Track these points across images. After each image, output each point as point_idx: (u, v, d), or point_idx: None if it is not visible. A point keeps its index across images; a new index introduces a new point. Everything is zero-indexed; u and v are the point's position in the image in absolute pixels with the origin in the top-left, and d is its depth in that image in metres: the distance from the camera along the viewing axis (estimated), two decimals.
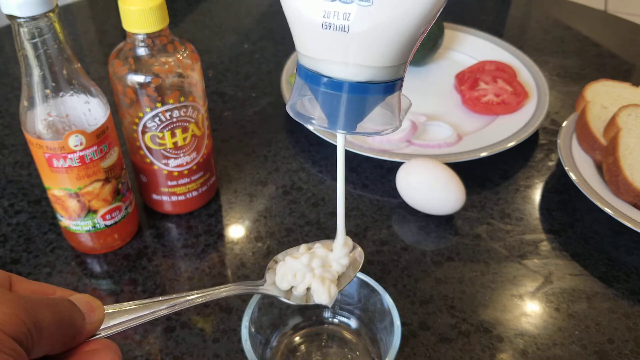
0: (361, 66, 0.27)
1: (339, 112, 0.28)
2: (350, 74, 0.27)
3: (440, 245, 0.56)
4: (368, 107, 0.29)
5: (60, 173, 0.48)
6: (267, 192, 0.63)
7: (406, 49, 0.27)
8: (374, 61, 0.27)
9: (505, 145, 0.65)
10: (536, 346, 0.47)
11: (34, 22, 0.42)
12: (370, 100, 0.28)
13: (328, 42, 0.27)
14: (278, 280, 0.40)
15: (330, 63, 0.27)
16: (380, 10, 0.25)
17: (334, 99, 0.28)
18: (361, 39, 0.26)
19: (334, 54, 0.27)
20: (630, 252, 0.55)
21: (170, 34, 0.50)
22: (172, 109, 0.51)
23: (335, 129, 0.29)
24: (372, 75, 0.27)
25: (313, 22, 0.26)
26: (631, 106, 0.62)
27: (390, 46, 0.26)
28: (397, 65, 0.28)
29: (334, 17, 0.26)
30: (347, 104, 0.28)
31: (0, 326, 0.22)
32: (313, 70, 0.28)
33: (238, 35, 0.93)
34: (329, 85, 0.28)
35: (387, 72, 0.28)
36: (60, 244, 0.56)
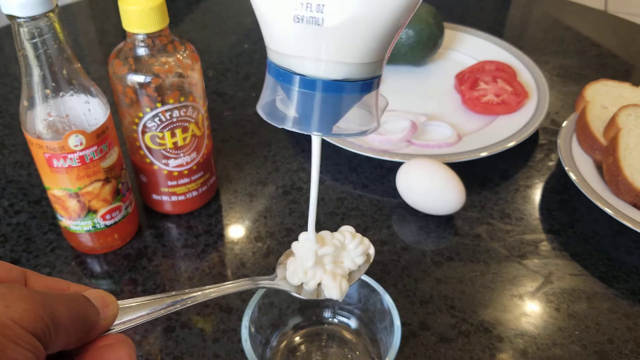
0: (336, 62, 0.25)
1: (314, 113, 0.27)
2: (324, 71, 0.26)
3: (440, 245, 0.56)
4: (344, 107, 0.27)
5: (60, 173, 0.48)
6: (267, 192, 0.63)
7: (384, 44, 0.26)
8: (349, 57, 0.25)
9: (505, 145, 0.65)
10: (536, 346, 0.47)
11: (34, 22, 0.42)
12: (346, 99, 0.27)
13: (300, 37, 0.25)
14: (289, 276, 0.39)
15: (302, 59, 0.26)
16: (357, 1, 0.24)
17: (307, 98, 0.26)
18: (336, 32, 0.24)
19: (306, 50, 0.25)
20: (630, 252, 0.55)
21: (170, 34, 0.50)
22: (172, 109, 0.51)
23: (310, 130, 0.27)
24: (348, 72, 0.26)
25: (284, 14, 0.25)
26: (631, 106, 0.62)
27: (367, 40, 0.25)
28: (374, 62, 0.26)
29: (307, 10, 0.24)
30: (321, 103, 0.26)
31: (19, 322, 0.23)
32: (284, 67, 0.26)
33: (238, 35, 0.93)
34: (302, 84, 0.26)
35: (364, 69, 0.26)
36: (60, 244, 0.56)
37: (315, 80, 0.26)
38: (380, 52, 0.26)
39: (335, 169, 0.65)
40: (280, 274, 0.40)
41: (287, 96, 0.27)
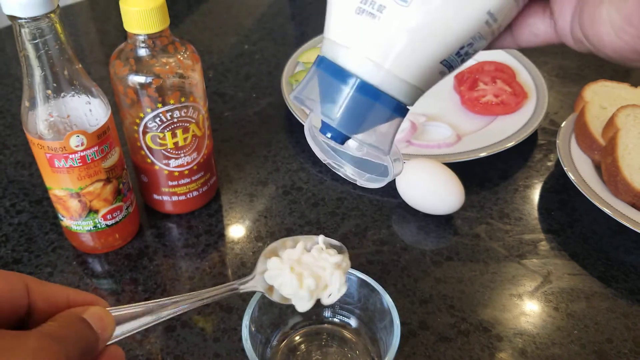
0: (378, 65, 0.26)
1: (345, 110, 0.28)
2: (366, 70, 0.27)
3: (439, 245, 0.57)
4: (371, 118, 0.28)
5: (61, 173, 0.48)
6: (267, 192, 0.63)
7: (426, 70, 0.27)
8: (391, 64, 0.26)
9: (505, 145, 0.65)
10: (535, 345, 0.47)
11: (35, 23, 0.42)
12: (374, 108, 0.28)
13: (356, 29, 0.26)
14: (267, 276, 0.41)
15: (351, 52, 0.27)
16: (415, 15, 0.25)
17: (344, 94, 0.27)
18: (387, 35, 0.26)
19: (357, 43, 0.27)
20: (629, 252, 0.56)
21: (171, 35, 0.50)
22: (173, 109, 0.51)
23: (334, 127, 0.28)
24: (385, 81, 0.27)
25: (348, 3, 0.26)
26: (630, 106, 0.62)
27: (411, 55, 0.26)
28: (409, 84, 0.27)
29: (370, 5, 0.26)
30: (355, 102, 0.27)
31: None
32: (333, 59, 0.28)
33: (238, 36, 0.94)
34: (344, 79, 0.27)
35: (397, 86, 0.27)
36: (62, 243, 0.57)
37: (356, 78, 0.27)
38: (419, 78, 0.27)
39: None
40: (260, 267, 0.42)
41: (323, 88, 0.28)
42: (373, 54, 0.26)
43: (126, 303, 0.51)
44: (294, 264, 0.41)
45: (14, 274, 0.29)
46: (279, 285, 0.40)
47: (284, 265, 0.41)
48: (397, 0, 0.25)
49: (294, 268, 0.40)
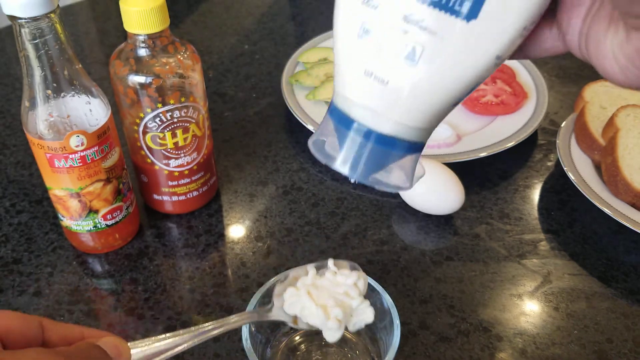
0: (392, 120, 0.27)
1: (358, 159, 0.29)
2: (380, 124, 0.27)
3: (439, 245, 0.57)
4: (386, 161, 0.29)
5: (61, 173, 0.48)
6: (267, 192, 0.63)
7: (437, 114, 0.27)
8: (405, 118, 0.27)
9: (505, 145, 0.65)
10: (535, 345, 0.47)
11: (35, 23, 0.42)
12: (390, 155, 0.29)
13: (367, 89, 0.27)
14: (286, 307, 0.42)
15: (363, 110, 0.27)
16: (423, 72, 0.25)
17: (357, 145, 0.28)
18: (398, 94, 0.26)
19: (369, 102, 0.27)
20: (629, 252, 0.56)
21: (171, 35, 0.50)
22: (173, 109, 0.51)
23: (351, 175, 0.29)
24: (399, 131, 0.28)
25: (357, 66, 0.27)
26: (630, 106, 0.62)
27: (423, 108, 0.27)
28: (424, 129, 0.28)
29: (378, 67, 0.26)
30: (367, 152, 0.28)
31: None
32: (346, 112, 0.28)
33: (238, 36, 0.94)
34: (357, 131, 0.28)
35: (414, 133, 0.28)
36: (62, 243, 0.57)
37: (369, 130, 0.28)
38: (432, 121, 0.28)
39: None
40: (277, 303, 0.42)
41: (339, 138, 0.29)
42: (385, 110, 0.27)
43: (126, 303, 0.51)
44: (310, 289, 0.41)
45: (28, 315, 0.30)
46: (301, 311, 0.41)
47: (301, 292, 0.41)
48: (405, 60, 0.25)
49: (311, 292, 0.41)
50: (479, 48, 0.25)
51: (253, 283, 0.53)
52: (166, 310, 0.50)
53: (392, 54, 0.25)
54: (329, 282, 0.42)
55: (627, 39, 0.22)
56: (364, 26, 0.26)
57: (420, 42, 0.25)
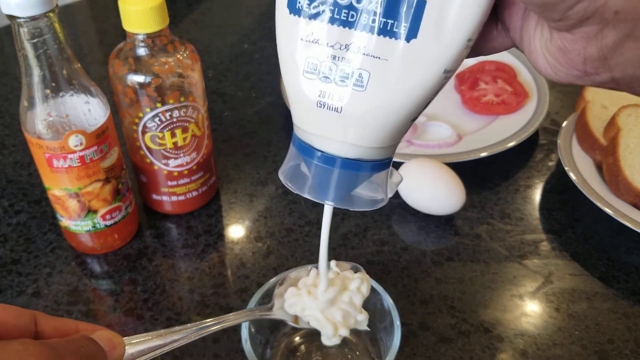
0: (353, 145, 0.28)
1: (329, 185, 0.29)
2: (342, 150, 0.28)
3: (440, 245, 0.56)
4: (356, 182, 0.30)
5: (60, 173, 0.48)
6: (267, 192, 0.63)
7: (397, 132, 0.28)
8: (365, 141, 0.28)
9: (505, 145, 0.65)
10: (536, 346, 0.47)
11: (33, 22, 0.42)
12: (359, 176, 0.29)
13: (322, 120, 0.27)
14: (287, 307, 0.41)
15: (323, 139, 0.28)
16: (373, 96, 0.26)
17: (324, 171, 0.29)
18: (354, 120, 0.27)
19: (327, 131, 0.28)
20: (630, 252, 0.55)
21: (170, 34, 0.50)
22: (172, 109, 0.51)
23: (323, 199, 0.30)
24: (363, 153, 0.28)
25: (309, 99, 0.27)
26: (631, 106, 0.62)
27: (381, 129, 0.27)
28: (387, 147, 0.29)
29: (329, 98, 0.27)
30: (336, 177, 0.29)
31: None
32: (307, 143, 0.29)
33: (238, 35, 0.93)
34: (321, 159, 0.29)
35: (377, 152, 0.28)
36: (61, 244, 0.56)
37: (333, 157, 0.29)
38: (393, 139, 0.28)
39: None
40: (277, 303, 0.42)
41: (307, 167, 0.30)
42: (344, 137, 0.28)
43: (125, 303, 0.51)
44: (310, 289, 0.41)
45: (21, 308, 0.29)
46: (302, 311, 0.41)
47: (301, 291, 0.41)
48: (354, 88, 0.26)
49: (311, 292, 0.41)
50: (424, 65, 0.25)
51: (253, 283, 0.52)
52: (165, 311, 0.50)
53: (340, 83, 0.26)
54: None
55: (550, 39, 0.24)
56: (308, 61, 0.27)
57: (366, 68, 0.25)
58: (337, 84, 0.26)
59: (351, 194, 0.30)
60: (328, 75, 0.26)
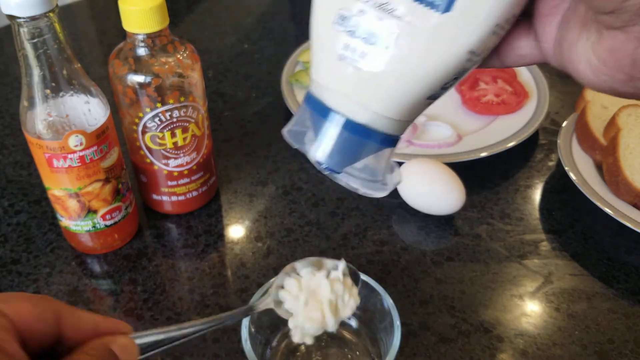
0: (365, 108, 0.27)
1: (333, 148, 0.29)
2: (353, 111, 0.28)
3: (440, 245, 0.56)
4: (362, 153, 0.29)
5: (60, 173, 0.48)
6: (267, 192, 0.63)
7: (411, 106, 0.27)
8: (378, 106, 0.27)
9: (505, 145, 0.65)
10: (536, 346, 0.47)
11: (33, 22, 0.42)
12: (366, 146, 0.29)
13: (341, 74, 0.27)
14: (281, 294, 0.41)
15: (337, 96, 0.28)
16: (396, 59, 0.26)
17: (331, 132, 0.29)
18: (371, 79, 0.26)
19: (342, 87, 0.27)
20: (630, 252, 0.55)
21: (170, 34, 0.50)
22: (172, 109, 0.51)
23: (325, 163, 0.30)
24: (374, 120, 0.28)
25: (332, 51, 0.27)
26: (631, 106, 0.62)
27: (395, 96, 0.27)
28: (398, 120, 0.28)
29: (352, 52, 0.26)
30: (343, 141, 0.28)
31: None
32: (320, 100, 0.29)
33: (238, 35, 0.93)
34: (330, 118, 0.28)
35: (388, 124, 0.28)
36: (61, 244, 0.56)
37: (343, 117, 0.28)
38: (405, 112, 0.28)
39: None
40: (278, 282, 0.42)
41: (314, 127, 0.29)
42: (359, 97, 0.27)
43: (125, 303, 0.51)
44: (309, 297, 0.41)
45: (44, 298, 0.29)
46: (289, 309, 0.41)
47: (301, 294, 0.41)
48: (378, 47, 0.26)
49: (309, 302, 0.40)
50: (452, 40, 0.25)
51: (253, 283, 0.53)
52: (165, 311, 0.50)
53: (366, 40, 0.26)
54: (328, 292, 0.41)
55: (598, 40, 0.23)
56: (340, 12, 0.26)
57: (396, 31, 0.25)
58: (363, 40, 0.26)
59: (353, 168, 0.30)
60: (356, 30, 0.26)
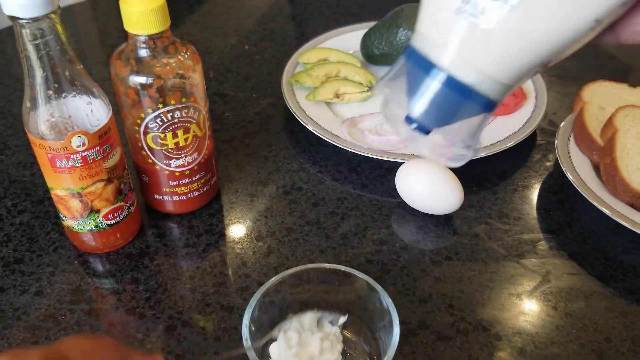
0: (472, 66, 0.26)
1: (429, 103, 0.27)
2: (459, 68, 0.26)
3: (439, 245, 0.57)
4: (458, 113, 0.28)
5: (63, 173, 0.49)
6: (267, 192, 0.63)
7: (521, 69, 0.26)
8: (487, 65, 0.26)
9: (504, 145, 0.65)
10: (534, 345, 0.48)
11: (36, 24, 0.42)
12: (464, 106, 0.27)
13: (455, 27, 0.26)
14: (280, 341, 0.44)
15: (445, 50, 0.26)
16: (517, 18, 0.24)
17: (430, 87, 0.27)
18: (486, 36, 0.25)
19: (454, 42, 0.26)
20: (627, 252, 0.56)
21: (171, 35, 0.50)
22: (174, 109, 0.51)
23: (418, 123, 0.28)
24: (479, 80, 0.26)
25: (449, 2, 0.26)
26: (628, 107, 0.62)
27: (508, 56, 0.26)
28: (503, 84, 0.27)
29: (471, 6, 0.25)
30: (441, 96, 0.27)
31: None
32: (426, 54, 0.27)
33: (239, 36, 0.94)
34: (435, 76, 0.27)
35: (492, 85, 0.27)
36: (63, 243, 0.57)
37: (447, 75, 0.27)
38: (514, 77, 0.27)
39: (335, 169, 0.66)
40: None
41: (411, 82, 0.28)
42: (470, 55, 0.26)
43: (127, 302, 0.51)
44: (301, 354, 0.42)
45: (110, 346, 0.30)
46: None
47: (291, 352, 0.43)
48: (503, 5, 0.24)
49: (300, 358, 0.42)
50: (584, 5, 0.24)
51: (253, 282, 0.53)
52: (167, 310, 0.51)
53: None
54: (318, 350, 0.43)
55: None
56: None
57: None
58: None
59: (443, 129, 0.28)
60: None
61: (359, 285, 0.45)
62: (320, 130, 0.67)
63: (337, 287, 0.46)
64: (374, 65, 0.82)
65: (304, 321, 0.45)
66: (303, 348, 0.43)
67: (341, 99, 0.74)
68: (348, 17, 0.98)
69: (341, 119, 0.70)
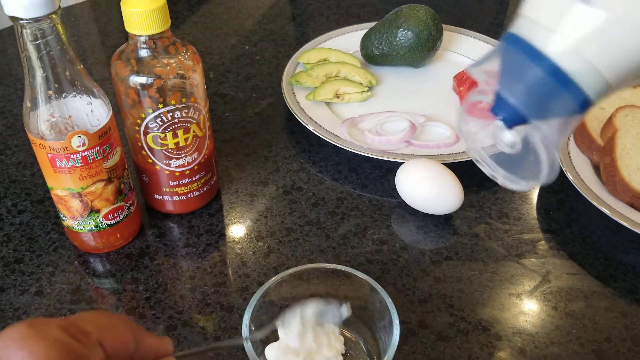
0: (578, 53, 0.25)
1: (525, 89, 0.26)
2: (566, 57, 0.25)
3: (439, 245, 0.57)
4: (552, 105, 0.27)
5: (63, 173, 0.49)
6: (267, 192, 0.63)
7: (629, 67, 0.25)
8: (593, 54, 0.25)
9: None
10: (534, 344, 0.48)
11: (36, 24, 0.42)
12: (562, 96, 0.26)
13: (570, 15, 0.25)
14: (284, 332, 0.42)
15: (554, 37, 0.25)
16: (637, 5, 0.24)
17: (532, 76, 0.26)
18: (605, 27, 0.24)
19: (565, 29, 0.25)
20: (627, 252, 0.56)
21: (172, 36, 0.50)
22: (174, 110, 0.51)
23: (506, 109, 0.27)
24: (581, 71, 0.25)
25: None
26: (628, 107, 0.62)
27: (619, 46, 0.25)
28: (606, 82, 0.26)
29: None
30: (539, 83, 0.26)
31: None
32: (531, 41, 0.26)
33: (239, 36, 0.94)
34: (533, 57, 0.26)
35: (593, 78, 0.26)
36: (63, 243, 0.57)
37: (550, 61, 0.26)
38: (619, 73, 0.26)
39: (335, 169, 0.66)
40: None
41: (508, 68, 0.27)
42: (579, 42, 0.25)
43: (127, 302, 0.52)
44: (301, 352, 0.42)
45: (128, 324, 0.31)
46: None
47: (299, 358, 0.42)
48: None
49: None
50: None
51: (253, 282, 0.53)
52: (167, 310, 0.51)
53: None
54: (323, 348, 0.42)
55: None
56: None
57: None
58: None
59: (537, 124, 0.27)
60: None
61: (359, 285, 0.45)
62: (320, 130, 0.67)
63: (337, 287, 0.46)
64: (374, 66, 0.82)
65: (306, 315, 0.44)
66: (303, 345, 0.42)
67: (341, 99, 0.74)
68: (348, 18, 0.98)
69: (341, 119, 0.70)
